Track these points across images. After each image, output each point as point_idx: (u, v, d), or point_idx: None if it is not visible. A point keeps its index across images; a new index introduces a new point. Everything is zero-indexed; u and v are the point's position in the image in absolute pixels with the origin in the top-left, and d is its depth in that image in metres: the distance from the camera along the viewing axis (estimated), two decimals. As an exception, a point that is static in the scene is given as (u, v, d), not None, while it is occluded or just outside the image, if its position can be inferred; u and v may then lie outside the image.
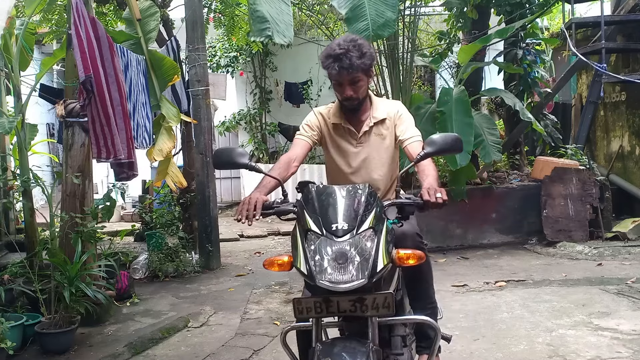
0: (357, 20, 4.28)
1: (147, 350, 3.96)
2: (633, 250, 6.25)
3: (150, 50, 5.49)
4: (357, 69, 2.38)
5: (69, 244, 4.20)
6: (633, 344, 3.66)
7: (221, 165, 2.35)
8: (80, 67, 3.95)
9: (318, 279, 1.80)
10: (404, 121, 2.59)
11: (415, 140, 2.52)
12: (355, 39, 2.43)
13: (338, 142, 2.64)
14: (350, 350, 1.82)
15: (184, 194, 6.61)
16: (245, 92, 10.99)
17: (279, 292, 5.38)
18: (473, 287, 5.15)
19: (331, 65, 2.41)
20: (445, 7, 7.87)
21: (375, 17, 4.22)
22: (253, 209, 2.13)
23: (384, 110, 2.61)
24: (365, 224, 1.88)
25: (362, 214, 1.90)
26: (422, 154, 2.19)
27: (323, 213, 1.91)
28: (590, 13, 10.33)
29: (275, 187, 2.37)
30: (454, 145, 2.21)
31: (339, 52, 2.37)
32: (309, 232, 1.89)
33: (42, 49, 10.40)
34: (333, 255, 1.81)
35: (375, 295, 1.85)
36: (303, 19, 10.03)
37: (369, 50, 2.42)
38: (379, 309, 1.84)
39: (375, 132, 2.59)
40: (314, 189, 2.06)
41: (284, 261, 1.99)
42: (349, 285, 1.78)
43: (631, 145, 7.89)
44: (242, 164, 2.28)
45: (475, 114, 6.33)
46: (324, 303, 1.85)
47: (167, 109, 5.41)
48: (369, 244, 1.85)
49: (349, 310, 1.85)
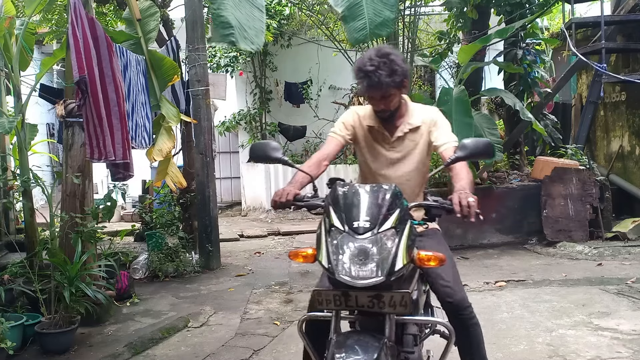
0: (354, 19, 4.22)
1: (147, 350, 3.96)
2: (633, 250, 6.26)
3: (150, 50, 5.49)
4: (386, 86, 2.36)
5: (69, 244, 4.20)
6: (633, 344, 3.66)
7: (256, 158, 2.45)
8: (75, 67, 3.95)
9: (338, 272, 1.87)
10: (439, 127, 2.58)
11: (451, 144, 2.51)
12: (387, 53, 2.38)
13: (371, 144, 2.65)
14: (363, 344, 1.86)
15: (184, 194, 6.61)
16: (245, 92, 10.99)
17: (279, 292, 5.38)
18: (473, 287, 5.15)
19: (361, 81, 2.39)
20: (445, 7, 7.87)
21: (373, 16, 4.18)
22: (286, 198, 2.28)
23: (419, 117, 2.59)
24: (387, 224, 1.94)
25: (385, 213, 1.96)
26: (453, 157, 2.25)
27: (347, 210, 1.99)
28: (590, 13, 10.33)
29: (307, 183, 2.45)
30: (485, 150, 2.24)
31: (369, 68, 2.34)
32: (332, 227, 1.97)
33: (42, 49, 10.40)
34: (354, 251, 1.88)
35: (392, 293, 1.89)
36: (303, 19, 10.04)
37: (400, 67, 2.37)
38: (396, 306, 1.90)
39: (409, 138, 2.59)
40: (340, 186, 2.11)
41: (308, 253, 2.08)
42: (367, 282, 1.84)
43: (631, 145, 7.89)
44: (276, 158, 2.38)
45: (475, 114, 6.33)
46: (342, 297, 1.92)
47: (167, 109, 5.41)
48: (389, 243, 1.90)
49: (367, 306, 1.91)
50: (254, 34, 3.74)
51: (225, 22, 3.58)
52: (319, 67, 10.48)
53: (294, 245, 7.72)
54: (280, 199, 2.29)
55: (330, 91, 11.09)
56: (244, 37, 3.64)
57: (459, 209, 2.08)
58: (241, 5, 3.76)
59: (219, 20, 3.59)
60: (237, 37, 3.59)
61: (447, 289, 2.38)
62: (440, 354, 2.34)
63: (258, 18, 3.87)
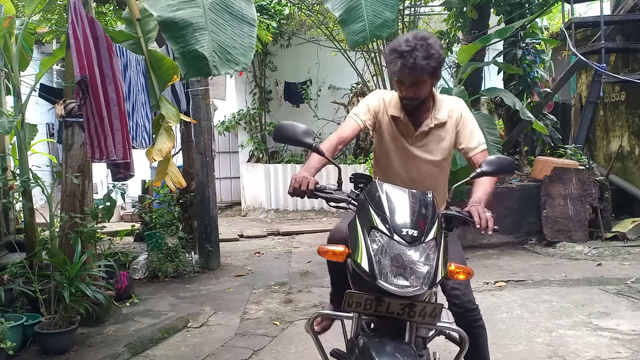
0: (352, 22, 4.16)
1: (147, 350, 3.96)
2: (632, 250, 6.26)
3: (150, 50, 5.48)
4: (421, 70, 2.24)
5: (68, 244, 4.19)
6: (632, 344, 3.66)
7: (282, 139, 2.28)
8: (76, 67, 3.95)
9: (380, 278, 1.83)
10: (467, 125, 2.50)
11: (480, 149, 2.49)
12: (425, 37, 2.27)
13: (394, 134, 2.53)
14: (401, 352, 1.85)
15: (184, 194, 6.61)
16: (245, 92, 10.99)
17: (278, 292, 5.38)
18: (473, 287, 5.11)
19: (394, 62, 2.26)
20: (445, 7, 7.87)
21: (372, 18, 4.14)
22: (307, 187, 2.15)
23: (446, 112, 2.49)
24: (431, 234, 1.91)
25: (429, 223, 1.93)
26: (478, 171, 2.22)
27: (392, 214, 1.92)
28: (590, 13, 10.34)
29: (321, 167, 2.34)
30: (508, 168, 2.25)
31: (404, 49, 2.23)
32: (373, 229, 1.90)
33: (41, 49, 10.40)
34: (400, 259, 1.84)
35: (426, 304, 1.88)
36: (302, 19, 10.04)
37: (437, 52, 2.27)
38: (425, 316, 1.88)
39: (433, 134, 2.49)
40: (380, 185, 2.05)
41: (339, 251, 2.02)
42: (410, 291, 1.82)
43: (631, 145, 7.89)
44: (306, 143, 2.21)
45: (475, 114, 6.26)
46: (375, 301, 1.88)
47: (167, 109, 5.40)
48: (432, 254, 1.88)
49: (397, 313, 1.88)
50: (240, 52, 3.51)
51: (197, 55, 3.35)
52: (319, 67, 10.48)
53: (293, 245, 7.72)
54: (301, 187, 2.15)
55: (330, 91, 11.10)
56: (225, 61, 3.42)
57: (479, 222, 2.07)
58: (226, 26, 3.54)
59: (190, 55, 3.36)
60: (216, 64, 3.37)
61: (457, 291, 2.39)
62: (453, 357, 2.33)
63: (247, 34, 3.61)
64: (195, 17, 3.41)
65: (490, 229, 2.07)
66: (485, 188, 2.33)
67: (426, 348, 2.24)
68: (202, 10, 3.46)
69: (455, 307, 2.39)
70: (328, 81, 10.95)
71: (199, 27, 3.40)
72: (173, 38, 3.38)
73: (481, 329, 2.45)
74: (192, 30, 3.38)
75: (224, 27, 3.52)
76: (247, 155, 11.15)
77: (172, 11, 3.38)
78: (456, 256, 2.25)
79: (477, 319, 2.43)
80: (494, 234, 2.13)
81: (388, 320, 1.98)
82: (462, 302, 2.38)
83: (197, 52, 3.35)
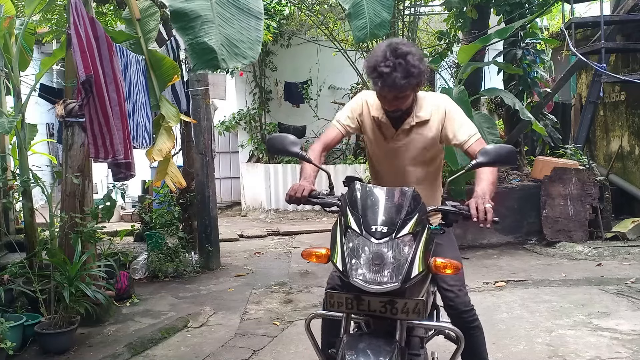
0: (357, 17, 4.24)
1: (147, 350, 3.96)
2: (632, 251, 6.26)
3: (150, 50, 5.48)
4: (401, 88, 2.22)
5: (68, 244, 4.19)
6: (632, 344, 3.66)
7: (274, 151, 2.40)
8: (81, 67, 3.95)
9: (352, 276, 1.86)
10: (454, 119, 2.44)
11: (473, 139, 2.41)
12: (403, 53, 2.20)
13: (376, 134, 2.55)
14: (375, 348, 1.86)
15: (184, 194, 6.61)
16: (245, 92, 10.99)
17: (278, 292, 5.38)
18: (473, 287, 5.15)
19: (374, 81, 2.25)
20: (445, 7, 7.87)
21: (372, 16, 4.21)
22: (301, 194, 2.24)
23: (429, 109, 2.46)
24: (405, 229, 1.91)
25: (404, 218, 1.93)
26: (474, 163, 2.17)
27: (364, 213, 1.96)
28: (590, 13, 10.34)
29: (316, 175, 2.42)
30: (508, 157, 2.16)
31: (384, 70, 2.18)
32: (348, 229, 1.95)
33: (41, 49, 10.39)
34: (370, 255, 1.86)
35: (406, 300, 1.88)
36: (302, 19, 10.03)
37: (417, 67, 2.21)
38: (409, 313, 1.88)
39: (415, 132, 2.47)
40: (358, 187, 2.08)
41: (321, 254, 2.05)
42: (381, 287, 1.83)
43: (631, 145, 7.89)
44: (293, 152, 2.32)
45: (475, 114, 6.32)
46: (355, 300, 1.91)
47: (167, 109, 5.40)
48: (406, 249, 1.88)
49: (379, 311, 1.89)
50: (248, 46, 3.48)
51: (206, 48, 3.34)
52: (319, 67, 10.48)
53: (293, 245, 7.72)
54: (296, 194, 2.25)
55: (330, 91, 11.10)
56: (233, 54, 3.40)
57: (475, 214, 2.05)
58: (233, 20, 3.53)
59: (199, 47, 3.35)
60: (224, 57, 3.35)
61: (450, 293, 2.38)
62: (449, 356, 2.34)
63: (254, 27, 3.59)
64: (204, 10, 3.44)
65: (489, 221, 2.04)
66: (488, 179, 2.26)
67: (424, 347, 2.25)
68: (209, 3, 3.48)
69: (450, 309, 2.40)
70: (328, 81, 10.95)
71: (207, 20, 3.43)
72: (183, 29, 3.41)
73: (477, 330, 2.45)
74: (201, 22, 3.40)
75: (231, 21, 3.53)
76: (247, 155, 11.15)
77: (182, 2, 3.41)
78: (451, 255, 2.24)
79: (472, 320, 2.43)
80: (494, 232, 2.12)
81: (382, 320, 1.99)
82: (456, 304, 2.38)
83: (205, 45, 3.36)
